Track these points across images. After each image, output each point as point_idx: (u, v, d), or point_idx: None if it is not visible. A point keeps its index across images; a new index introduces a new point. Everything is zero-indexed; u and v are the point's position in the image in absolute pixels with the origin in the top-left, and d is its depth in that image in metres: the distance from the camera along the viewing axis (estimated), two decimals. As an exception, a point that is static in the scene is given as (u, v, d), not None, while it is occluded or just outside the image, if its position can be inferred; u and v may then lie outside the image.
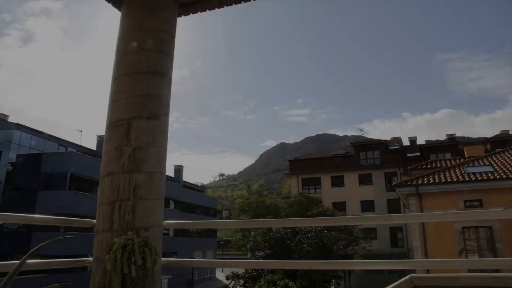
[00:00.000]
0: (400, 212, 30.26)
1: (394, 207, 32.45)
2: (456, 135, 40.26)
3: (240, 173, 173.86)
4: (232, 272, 23.81)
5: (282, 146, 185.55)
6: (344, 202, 34.72)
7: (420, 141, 41.67)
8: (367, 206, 34.16)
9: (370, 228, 30.90)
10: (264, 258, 25.36)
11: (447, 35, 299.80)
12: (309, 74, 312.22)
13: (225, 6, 2.90)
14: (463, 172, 16.35)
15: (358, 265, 3.34)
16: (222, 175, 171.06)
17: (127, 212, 2.17)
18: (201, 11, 2.93)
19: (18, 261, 1.69)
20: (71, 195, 26.12)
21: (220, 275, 43.94)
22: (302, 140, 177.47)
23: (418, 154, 35.15)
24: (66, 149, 31.16)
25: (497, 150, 20.04)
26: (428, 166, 20.23)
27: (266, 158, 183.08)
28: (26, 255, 1.69)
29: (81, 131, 48.89)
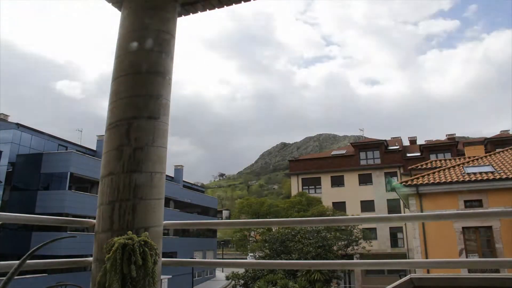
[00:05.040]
0: (400, 212, 30.26)
1: (394, 207, 32.46)
2: (456, 135, 40.31)
3: (240, 173, 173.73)
4: (232, 272, 23.83)
5: (282, 146, 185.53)
6: (344, 202, 34.72)
7: (420, 141, 41.77)
8: (367, 206, 34.16)
9: (370, 228, 30.90)
10: (264, 258, 25.37)
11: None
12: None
13: (225, 6, 2.90)
14: (463, 172, 16.35)
15: (358, 265, 3.34)
16: (222, 175, 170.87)
17: (127, 212, 2.17)
18: (201, 11, 2.93)
19: (18, 261, 1.69)
20: (71, 195, 26.12)
21: (220, 275, 43.96)
22: (302, 140, 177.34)
23: (418, 154, 35.18)
24: (66, 149, 31.15)
25: (497, 150, 20.05)
26: (428, 166, 20.23)
27: (266, 158, 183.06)
28: (26, 255, 1.69)
29: (81, 131, 48.63)
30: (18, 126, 28.10)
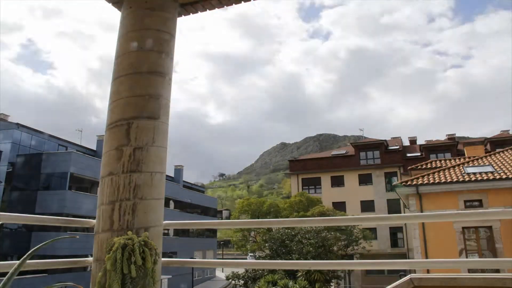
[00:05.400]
0: (400, 212, 30.26)
1: (394, 207, 32.46)
2: (456, 135, 40.30)
3: (240, 173, 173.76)
4: (232, 272, 23.83)
5: (282, 146, 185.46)
6: (344, 202, 34.72)
7: (420, 141, 41.77)
8: (367, 206, 34.16)
9: (370, 228, 30.91)
10: (264, 258, 25.38)
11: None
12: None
13: (225, 6, 2.90)
14: (463, 172, 16.35)
15: (358, 265, 3.34)
16: (222, 175, 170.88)
17: (127, 212, 2.17)
18: (201, 11, 2.93)
19: (18, 261, 1.69)
20: (71, 195, 26.12)
21: (220, 275, 43.98)
22: (302, 140, 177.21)
23: (418, 154, 35.17)
24: (66, 149, 31.14)
25: (497, 150, 20.06)
26: (428, 166, 20.23)
27: (266, 158, 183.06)
28: (26, 255, 1.69)
29: (81, 131, 48.57)
30: (18, 126, 28.10)
